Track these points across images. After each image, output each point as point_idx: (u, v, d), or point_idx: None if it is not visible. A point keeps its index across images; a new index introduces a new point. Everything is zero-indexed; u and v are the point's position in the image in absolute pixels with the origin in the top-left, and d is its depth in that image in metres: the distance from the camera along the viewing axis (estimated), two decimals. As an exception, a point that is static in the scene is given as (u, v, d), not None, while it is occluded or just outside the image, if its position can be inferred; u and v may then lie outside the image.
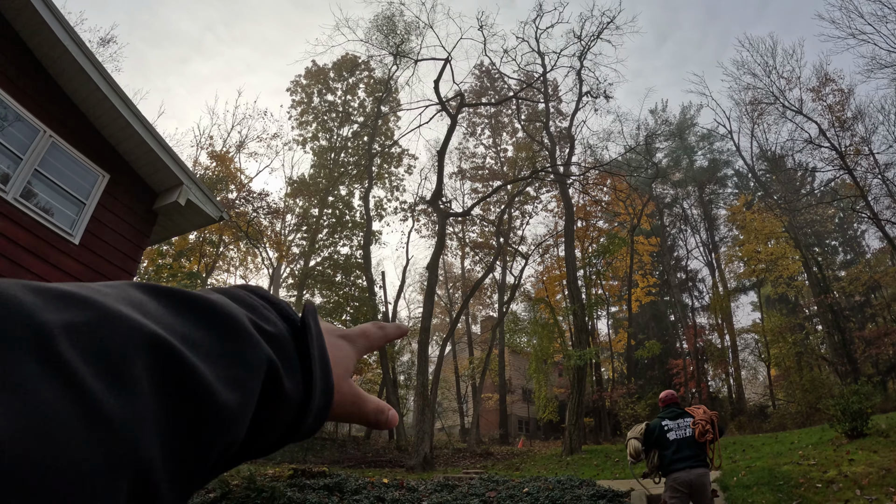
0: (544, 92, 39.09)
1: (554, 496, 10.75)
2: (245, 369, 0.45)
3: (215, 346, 0.43)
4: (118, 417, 0.33)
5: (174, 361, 0.39)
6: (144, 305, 0.42)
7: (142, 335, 0.37)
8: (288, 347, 0.52)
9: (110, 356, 0.35)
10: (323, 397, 0.53)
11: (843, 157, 35.14)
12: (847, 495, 9.34)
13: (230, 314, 0.47)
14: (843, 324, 38.32)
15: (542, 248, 44.96)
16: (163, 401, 0.37)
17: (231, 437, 0.43)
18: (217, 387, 0.41)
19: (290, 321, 0.56)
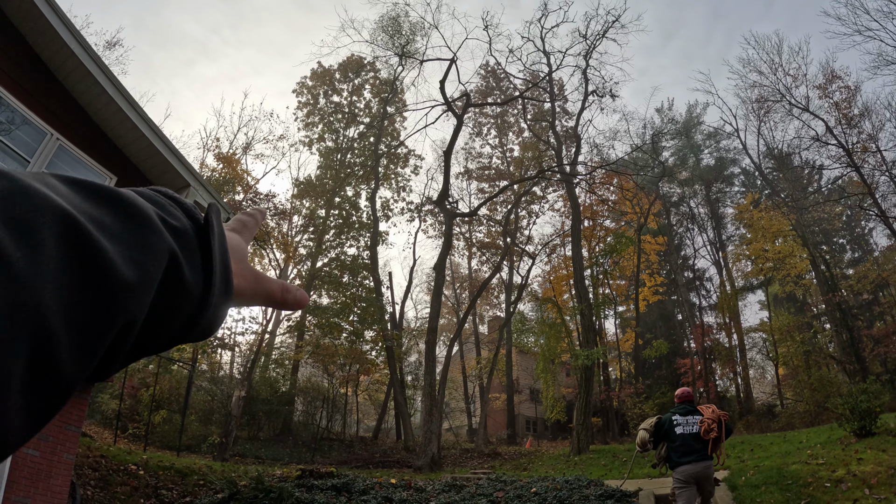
0: (550, 91, 39.06)
1: (562, 496, 10.75)
2: (147, 253, 0.46)
3: (121, 231, 0.45)
4: (21, 267, 0.34)
5: (80, 235, 0.40)
6: (57, 188, 0.43)
7: (51, 207, 0.39)
8: (190, 241, 0.53)
9: (19, 219, 0.36)
10: (222, 287, 0.55)
11: (850, 154, 35.04)
12: (856, 494, 9.31)
13: (137, 204, 0.48)
14: (851, 322, 38.18)
15: (549, 248, 44.95)
16: (66, 268, 0.38)
17: (130, 314, 0.44)
18: (119, 263, 0.42)
19: (194, 219, 0.57)
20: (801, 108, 39.04)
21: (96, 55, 9.78)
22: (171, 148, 10.96)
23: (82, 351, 0.40)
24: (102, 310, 0.41)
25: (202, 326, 0.55)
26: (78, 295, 0.39)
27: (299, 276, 40.22)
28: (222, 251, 0.57)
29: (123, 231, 0.45)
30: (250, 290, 0.64)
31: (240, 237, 0.70)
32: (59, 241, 0.39)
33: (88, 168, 9.98)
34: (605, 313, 43.34)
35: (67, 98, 9.85)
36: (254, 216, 0.79)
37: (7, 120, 8.69)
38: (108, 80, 9.87)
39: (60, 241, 0.39)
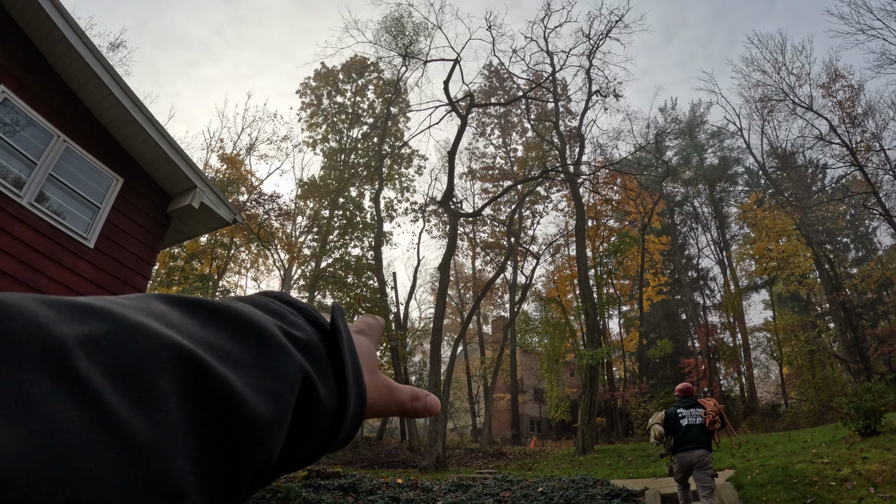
0: (553, 91, 39.06)
1: (568, 495, 10.76)
2: (279, 380, 0.42)
3: (245, 357, 0.41)
4: (144, 436, 0.30)
5: (202, 373, 0.36)
6: (167, 316, 0.39)
7: (165, 346, 0.35)
8: (320, 354, 0.50)
9: (132, 370, 0.32)
10: (357, 403, 0.51)
11: (853, 153, 35.02)
12: (861, 493, 9.32)
13: (258, 323, 0.44)
14: (855, 321, 38.13)
15: (553, 248, 44.96)
16: (192, 416, 0.34)
17: (267, 453, 0.40)
18: (251, 398, 0.38)
19: (318, 325, 0.53)
20: (805, 108, 39.03)
21: (102, 57, 9.81)
22: (177, 149, 10.98)
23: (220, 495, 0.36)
24: (238, 454, 0.37)
25: (338, 441, 0.52)
26: (209, 445, 0.35)
27: (303, 277, 40.23)
28: (354, 362, 0.53)
29: (248, 357, 0.41)
30: (381, 402, 0.60)
31: (368, 341, 0.64)
32: (181, 387, 0.34)
33: (94, 169, 9.98)
34: (610, 313, 43.39)
35: (73, 100, 9.87)
36: (378, 322, 0.74)
37: (12, 121, 8.72)
38: (114, 81, 9.90)
39: (182, 387, 0.34)
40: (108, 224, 10.00)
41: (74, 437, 0.27)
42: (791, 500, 9.68)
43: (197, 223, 12.12)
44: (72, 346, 0.30)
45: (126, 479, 0.28)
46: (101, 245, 9.80)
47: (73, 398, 0.28)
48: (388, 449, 31.89)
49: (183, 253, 32.06)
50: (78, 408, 0.28)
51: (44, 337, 0.29)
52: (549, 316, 39.98)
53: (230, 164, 38.68)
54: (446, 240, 30.46)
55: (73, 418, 0.27)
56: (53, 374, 0.28)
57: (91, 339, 0.32)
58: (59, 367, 0.29)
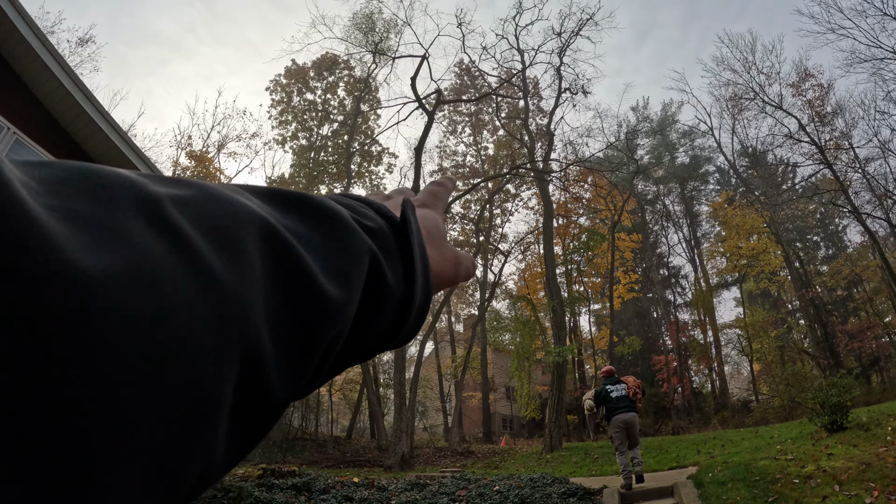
0: (524, 89, 38.89)
1: (524, 494, 10.48)
2: (349, 260, 0.43)
3: (318, 238, 0.42)
4: (228, 280, 0.31)
5: (280, 243, 0.37)
6: (248, 196, 0.40)
7: (248, 213, 0.36)
8: (389, 242, 0.51)
9: (218, 226, 0.33)
10: (423, 292, 0.52)
11: (822, 151, 35.12)
12: (825, 491, 9.07)
13: (331, 208, 0.46)
14: (825, 318, 38.39)
15: (524, 246, 44.82)
16: (270, 279, 0.35)
17: (337, 328, 0.41)
18: (322, 277, 0.39)
19: (389, 218, 0.54)
20: (775, 106, 39.15)
21: (52, 46, 9.48)
22: (127, 141, 10.78)
23: (292, 371, 0.37)
24: (311, 325, 0.38)
25: (404, 331, 0.53)
26: (285, 310, 0.36)
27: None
28: (422, 251, 0.53)
29: (319, 237, 0.42)
30: (451, 273, 0.63)
31: (434, 213, 0.67)
32: (264, 255, 0.35)
33: None
34: (580, 310, 43.27)
35: (24, 90, 9.58)
36: (444, 185, 0.76)
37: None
38: (63, 71, 9.59)
39: (265, 255, 0.35)
40: None
41: (162, 265, 0.28)
42: (752, 499, 9.41)
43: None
44: (163, 199, 0.32)
45: (207, 309, 0.29)
46: None
47: (163, 236, 0.29)
48: (355, 448, 31.54)
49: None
50: (167, 243, 0.29)
51: (138, 190, 0.31)
52: (520, 314, 39.80)
53: (199, 161, 38.14)
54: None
55: (162, 251, 0.29)
56: (146, 217, 0.30)
57: (181, 198, 0.33)
58: (151, 212, 0.30)
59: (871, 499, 8.39)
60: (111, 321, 0.25)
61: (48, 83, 9.60)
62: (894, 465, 9.36)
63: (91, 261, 0.25)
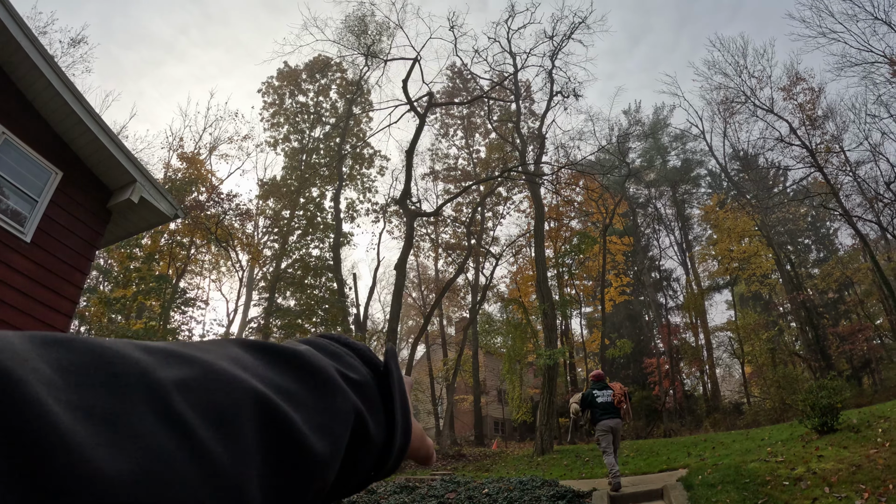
0: (515, 92, 38.87)
1: (513, 497, 10.41)
2: (335, 419, 0.47)
3: (307, 398, 0.45)
4: (228, 466, 0.34)
5: (275, 416, 0.40)
6: (242, 360, 0.44)
7: (244, 390, 0.39)
8: (372, 393, 0.55)
9: (218, 410, 0.36)
10: (403, 437, 0.57)
11: (813, 154, 35.16)
12: (815, 493, 9.03)
13: (319, 366, 0.49)
14: (816, 320, 38.44)
15: (515, 249, 44.77)
16: (265, 454, 0.39)
17: (322, 483, 0.45)
18: (311, 436, 0.43)
19: (372, 366, 0.59)
20: (766, 110, 39.15)
21: (41, 45, 9.42)
22: (116, 142, 10.69)
23: None
24: (298, 485, 0.42)
25: (384, 471, 0.58)
26: (278, 478, 0.39)
27: (264, 279, 39.64)
28: (403, 401, 0.58)
29: (309, 397, 0.46)
30: (417, 444, 0.65)
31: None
32: (257, 427, 0.39)
33: (33, 162, 9.64)
34: (571, 313, 43.20)
35: (12, 90, 9.52)
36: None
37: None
38: (52, 71, 9.53)
39: (258, 427, 0.39)
40: (45, 218, 9.69)
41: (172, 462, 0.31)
42: (742, 501, 9.35)
43: (138, 218, 11.81)
44: (170, 388, 0.35)
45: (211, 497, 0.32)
46: (38, 239, 9.49)
47: (171, 432, 0.32)
48: (346, 452, 31.38)
49: (141, 254, 31.47)
50: (175, 439, 0.32)
51: (148, 380, 0.34)
52: (511, 317, 39.73)
53: (190, 163, 37.95)
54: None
55: (172, 449, 0.32)
56: (156, 411, 0.33)
57: (184, 383, 0.36)
58: (160, 405, 0.33)
59: (861, 501, 8.35)
60: None
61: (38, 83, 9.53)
62: (885, 466, 9.33)
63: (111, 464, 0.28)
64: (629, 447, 20.60)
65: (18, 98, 9.57)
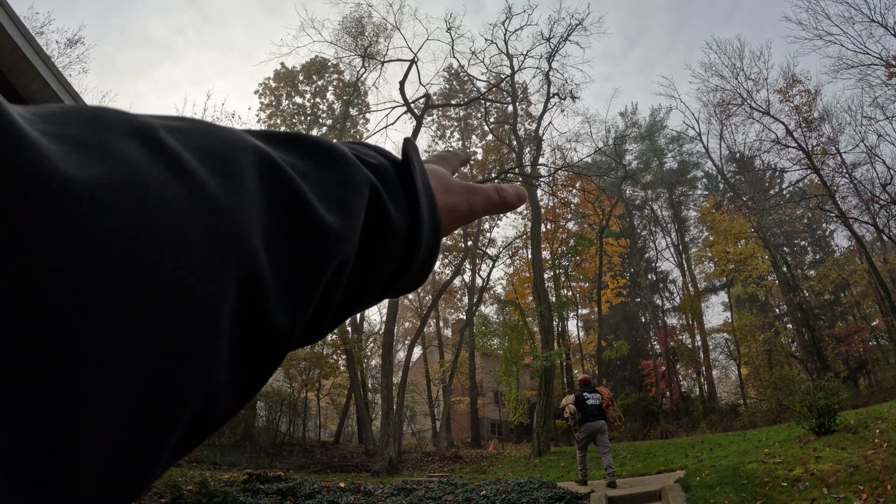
0: (512, 94, 38.88)
1: (511, 499, 10.39)
2: (347, 189, 0.43)
3: (317, 171, 0.42)
4: (224, 200, 0.30)
5: (278, 173, 0.37)
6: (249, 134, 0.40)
7: (244, 141, 0.36)
8: (390, 178, 0.50)
9: (215, 150, 0.33)
10: (431, 229, 0.51)
11: (809, 157, 35.22)
12: (813, 494, 9.02)
13: (329, 143, 0.46)
14: (812, 322, 38.46)
15: (512, 250, 44.79)
16: (268, 205, 0.35)
17: (339, 258, 0.40)
18: (320, 207, 0.39)
19: (391, 158, 0.54)
20: (762, 112, 39.19)
21: (38, 45, 9.27)
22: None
23: (294, 299, 0.36)
24: (310, 254, 0.37)
25: (413, 271, 0.52)
26: (283, 237, 0.35)
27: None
28: (426, 186, 0.53)
29: (317, 170, 0.42)
30: (465, 202, 0.61)
31: (438, 167, 0.65)
32: (259, 175, 0.35)
33: None
34: (568, 315, 43.22)
35: (7, 90, 9.26)
36: (455, 153, 0.76)
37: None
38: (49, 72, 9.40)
39: (260, 179, 0.35)
40: None
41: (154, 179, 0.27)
42: (741, 502, 9.34)
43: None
44: (156, 126, 0.31)
45: (202, 225, 0.29)
46: None
47: (156, 155, 0.29)
48: (343, 453, 31.39)
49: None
50: (160, 161, 0.29)
51: (131, 120, 0.30)
52: (508, 318, 39.73)
53: (185, 165, 37.89)
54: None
55: (155, 167, 0.28)
56: (139, 139, 0.29)
57: (176, 126, 0.33)
58: (145, 135, 0.30)
59: (859, 501, 8.35)
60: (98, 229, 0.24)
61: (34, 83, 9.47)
62: (882, 467, 9.33)
63: (80, 172, 0.25)
64: (626, 449, 20.60)
65: (14, 99, 9.45)
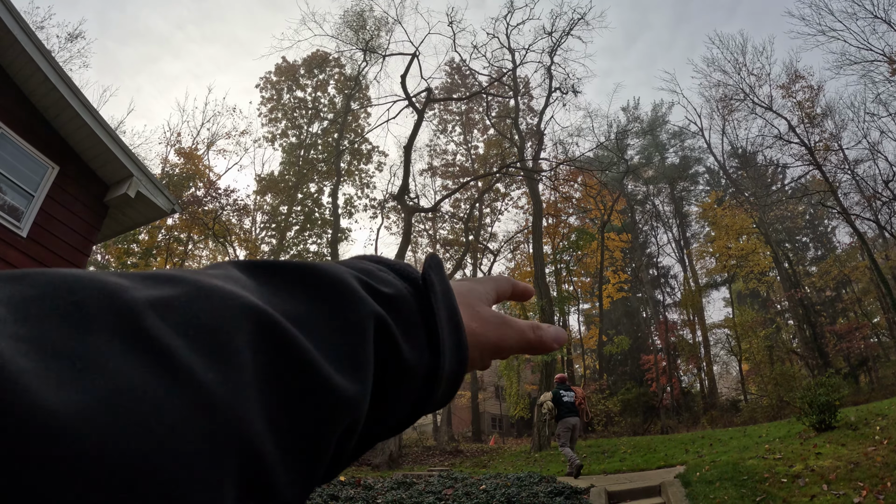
0: (514, 88, 38.84)
1: (510, 493, 10.35)
2: (351, 334, 0.40)
3: (319, 318, 0.39)
4: (217, 392, 0.29)
5: (277, 334, 0.34)
6: (241, 280, 0.38)
7: (240, 306, 0.33)
8: (406, 307, 0.46)
9: (206, 328, 0.31)
10: (455, 360, 0.48)
11: (812, 152, 35.16)
12: (813, 490, 9.00)
13: (334, 276, 0.42)
14: (813, 318, 38.42)
15: (513, 245, 44.78)
16: (268, 377, 0.33)
17: (349, 416, 0.38)
18: (329, 367, 0.36)
19: (411, 281, 0.50)
20: (765, 107, 39.12)
21: (38, 39, 9.36)
22: (113, 136, 10.63)
23: (300, 467, 0.34)
24: (317, 419, 0.35)
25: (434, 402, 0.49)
26: (286, 407, 0.33)
27: (262, 274, 39.59)
28: (450, 311, 0.49)
29: (321, 317, 0.39)
30: (496, 335, 0.55)
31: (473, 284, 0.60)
32: (256, 347, 0.33)
33: (29, 156, 9.60)
34: (569, 310, 43.18)
35: (8, 84, 9.44)
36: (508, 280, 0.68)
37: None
38: (49, 66, 9.48)
39: (257, 348, 0.33)
40: (42, 213, 9.65)
41: (144, 391, 0.26)
42: (741, 498, 9.32)
43: (135, 213, 11.77)
44: (142, 308, 0.29)
45: (200, 432, 0.27)
46: (34, 234, 9.46)
47: (143, 356, 0.27)
48: (343, 448, 31.31)
49: (138, 249, 31.45)
50: (148, 364, 0.27)
51: (114, 303, 0.29)
52: (509, 312, 39.69)
53: (188, 158, 37.88)
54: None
55: (144, 375, 0.27)
56: (123, 335, 0.28)
57: (163, 301, 0.31)
58: (129, 329, 0.28)
59: (859, 498, 8.32)
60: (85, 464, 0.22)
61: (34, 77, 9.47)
62: (882, 464, 9.31)
63: (60, 398, 0.23)
64: (627, 444, 20.56)
65: (15, 93, 9.50)
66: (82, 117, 9.99)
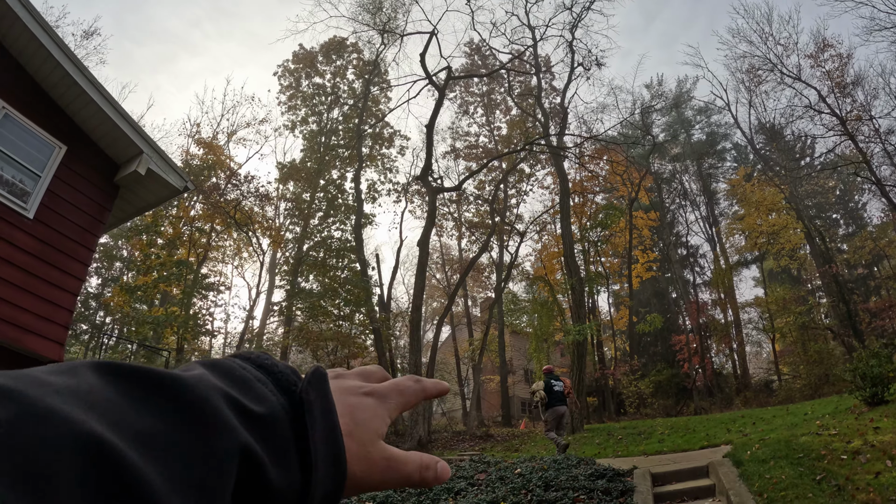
0: (535, 65, 38.20)
1: (548, 476, 9.81)
2: (208, 467, 0.37)
3: (174, 441, 0.36)
4: None
5: (115, 467, 0.31)
6: (93, 394, 0.35)
7: (74, 435, 0.30)
8: (280, 429, 0.44)
9: (25, 462, 0.28)
10: (331, 482, 0.46)
11: (843, 122, 34.19)
12: (877, 467, 8.37)
13: (198, 398, 0.39)
14: (847, 295, 37.50)
15: (540, 225, 44.20)
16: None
17: None
18: (170, 495, 0.33)
19: (290, 394, 0.47)
20: (794, 77, 38.12)
21: (39, 14, 8.97)
22: (121, 112, 10.30)
23: None
24: None
25: None
26: None
27: (286, 263, 39.40)
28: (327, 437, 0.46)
29: (177, 440, 0.36)
30: (379, 477, 0.52)
31: (381, 405, 0.56)
32: (86, 483, 0.30)
33: (35, 136, 9.29)
34: (598, 290, 42.57)
35: (11, 63, 9.16)
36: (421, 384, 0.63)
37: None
38: (52, 41, 9.13)
39: (87, 484, 0.30)
40: (49, 193, 9.36)
41: None
42: (798, 477, 8.71)
43: (147, 192, 11.39)
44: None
45: None
46: (41, 215, 9.16)
47: None
48: (371, 434, 31.01)
49: (161, 241, 31.36)
50: None
51: None
52: (537, 295, 39.17)
53: (208, 148, 37.72)
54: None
55: None
56: None
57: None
58: None
59: (929, 474, 7.70)
60: None
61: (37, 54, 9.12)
62: (949, 437, 8.67)
63: None
64: (663, 425, 20.01)
65: (18, 71, 9.25)
66: (88, 94, 9.71)
